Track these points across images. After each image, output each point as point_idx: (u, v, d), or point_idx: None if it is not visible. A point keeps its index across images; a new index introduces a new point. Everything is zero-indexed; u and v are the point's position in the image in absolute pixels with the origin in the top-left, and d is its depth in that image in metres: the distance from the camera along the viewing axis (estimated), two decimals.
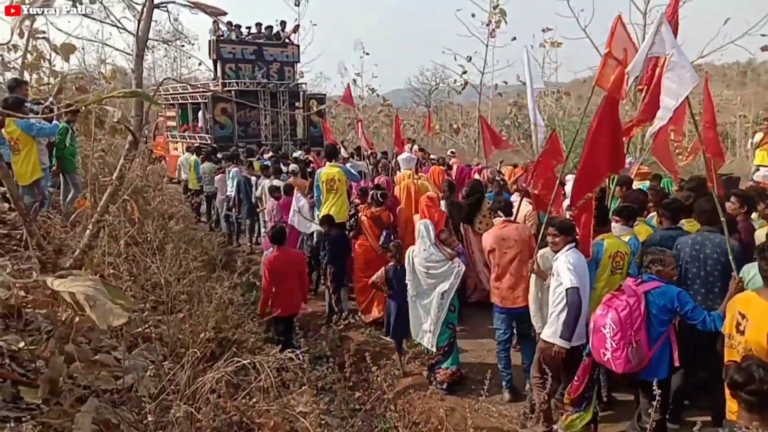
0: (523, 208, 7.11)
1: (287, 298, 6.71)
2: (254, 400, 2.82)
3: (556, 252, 4.85)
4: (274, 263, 6.85)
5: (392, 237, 7.70)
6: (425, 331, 6.16)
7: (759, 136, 11.37)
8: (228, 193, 12.43)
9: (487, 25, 19.57)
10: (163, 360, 4.06)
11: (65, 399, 3.29)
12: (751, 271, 4.26)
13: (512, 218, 6.25)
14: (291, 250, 7.50)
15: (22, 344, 3.77)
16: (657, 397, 2.97)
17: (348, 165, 10.75)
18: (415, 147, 13.70)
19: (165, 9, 5.31)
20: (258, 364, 2.93)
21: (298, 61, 21.44)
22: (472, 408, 5.26)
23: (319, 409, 2.66)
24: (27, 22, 8.04)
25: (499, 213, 6.16)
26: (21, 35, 8.48)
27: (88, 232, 5.16)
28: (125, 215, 5.70)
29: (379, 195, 8.01)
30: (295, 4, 27.10)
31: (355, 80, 31.74)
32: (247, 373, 3.75)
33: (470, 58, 21.46)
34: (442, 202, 7.97)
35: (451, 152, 15.16)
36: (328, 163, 9.04)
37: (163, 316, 4.84)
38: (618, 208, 5.66)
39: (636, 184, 7.52)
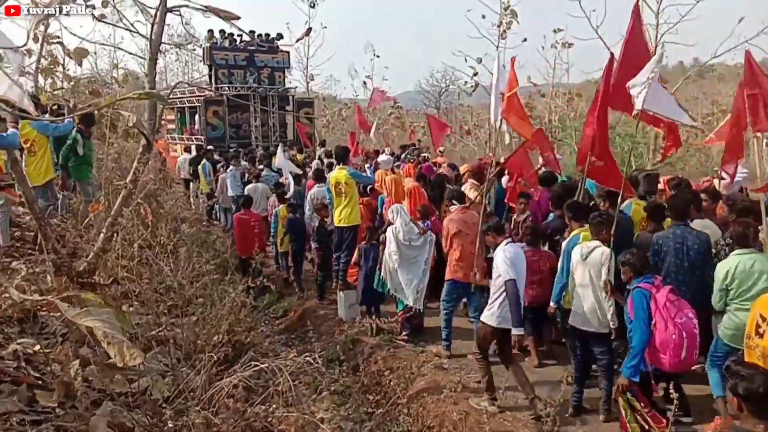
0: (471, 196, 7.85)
1: (248, 243, 9.05)
2: (274, 406, 2.80)
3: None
4: (240, 219, 9.63)
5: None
6: (413, 293, 7.01)
7: None
8: (230, 194, 12.57)
9: (498, 26, 19.48)
10: (178, 363, 4.06)
11: (80, 402, 3.29)
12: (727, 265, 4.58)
13: (468, 205, 7.02)
14: (253, 213, 10.00)
15: (37, 348, 3.79)
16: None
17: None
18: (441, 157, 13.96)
19: (178, 13, 5.33)
20: (276, 369, 2.91)
21: (288, 67, 22.82)
22: (488, 411, 5.24)
23: (340, 415, 2.64)
24: (41, 27, 8.09)
25: (454, 201, 6.90)
26: (35, 40, 8.54)
27: (102, 235, 5.19)
28: (139, 218, 5.72)
29: (367, 188, 9.39)
30: (311, 6, 27.16)
31: (365, 82, 31.75)
32: (260, 376, 3.74)
33: (481, 60, 21.36)
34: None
35: (440, 151, 15.18)
36: (337, 167, 8.91)
37: (177, 319, 4.84)
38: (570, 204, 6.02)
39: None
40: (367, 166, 11.37)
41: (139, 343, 4.03)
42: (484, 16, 19.69)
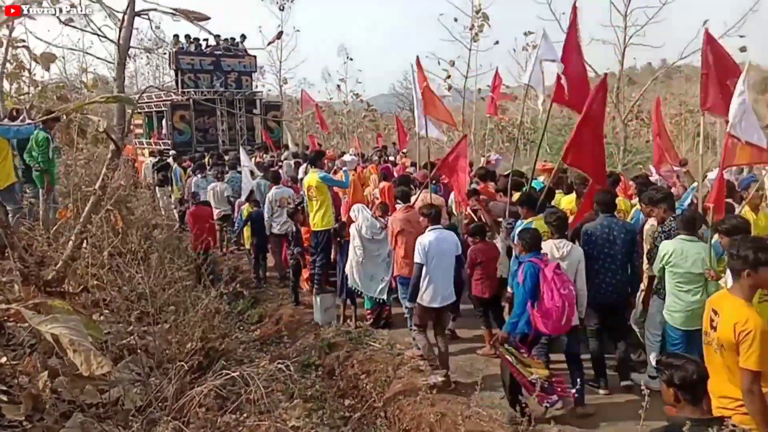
0: (424, 197, 8.18)
1: (202, 238, 8.79)
2: (245, 414, 2.77)
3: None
4: (193, 213, 10.18)
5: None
6: (377, 284, 7.46)
7: None
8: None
9: (470, 29, 19.62)
10: (150, 372, 4.00)
11: (49, 415, 3.22)
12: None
13: (411, 204, 7.44)
14: (204, 207, 10.53)
15: (4, 359, 3.69)
16: None
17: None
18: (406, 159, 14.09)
19: (146, 17, 5.26)
20: (247, 377, 2.88)
21: (255, 71, 23.26)
22: (463, 413, 5.26)
23: (313, 422, 2.62)
24: (5, 31, 7.93)
25: (398, 201, 7.40)
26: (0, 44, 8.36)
27: (70, 243, 5.09)
28: (108, 225, 5.62)
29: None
30: (280, 9, 27.08)
31: (339, 86, 31.70)
32: (234, 383, 3.70)
33: (453, 63, 21.48)
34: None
35: (403, 152, 15.37)
36: (310, 170, 8.89)
37: (149, 327, 4.76)
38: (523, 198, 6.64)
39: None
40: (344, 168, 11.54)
41: (110, 351, 3.96)
42: (456, 20, 19.85)
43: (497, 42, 20.49)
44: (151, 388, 3.38)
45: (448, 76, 22.35)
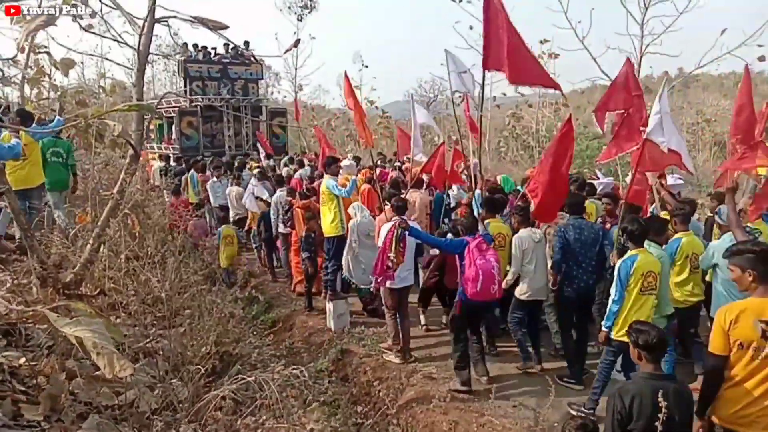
0: (416, 197, 9.49)
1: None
2: (263, 418, 2.78)
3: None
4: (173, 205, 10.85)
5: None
6: (360, 273, 7.83)
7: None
8: (213, 204, 12.94)
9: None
10: (165, 375, 4.03)
11: (66, 416, 3.25)
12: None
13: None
14: (183, 199, 11.93)
15: (22, 360, 3.74)
16: None
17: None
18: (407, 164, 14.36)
19: (166, 23, 5.32)
20: (263, 381, 2.89)
21: (262, 78, 24.06)
22: (477, 422, 5.24)
23: (331, 426, 2.63)
24: (29, 37, 8.04)
25: (386, 202, 7.97)
26: (22, 50, 8.48)
27: (88, 246, 5.14)
28: (126, 229, 5.68)
29: (305, 190, 10.29)
30: (298, 20, 27.34)
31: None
32: (248, 388, 3.72)
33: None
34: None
35: (407, 158, 15.50)
36: (325, 176, 9.09)
37: (165, 331, 4.80)
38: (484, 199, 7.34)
39: None
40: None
41: (126, 354, 3.99)
42: (471, 27, 19.88)
43: None
44: (167, 391, 3.40)
45: None
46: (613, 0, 15.13)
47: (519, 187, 9.64)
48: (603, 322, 5.32)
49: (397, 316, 6.99)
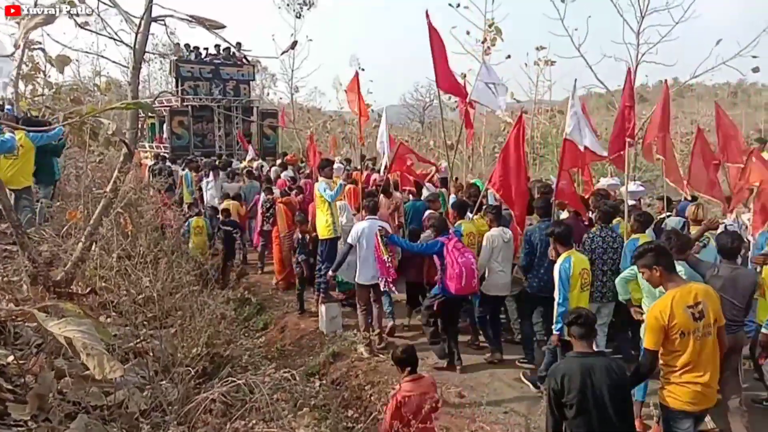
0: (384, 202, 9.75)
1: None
2: (254, 422, 2.76)
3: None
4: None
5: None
6: (353, 274, 7.88)
7: None
8: (207, 203, 12.88)
9: (483, 42, 19.68)
10: (155, 376, 3.99)
11: (54, 415, 3.22)
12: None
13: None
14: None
15: (11, 359, 3.70)
16: None
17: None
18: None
19: (163, 22, 5.29)
20: (253, 384, 2.87)
21: (253, 79, 24.47)
22: (467, 428, 5.23)
23: (321, 431, 2.61)
24: (13, 30, 8.03)
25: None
26: (17, 46, 8.44)
27: (80, 244, 5.10)
28: (118, 228, 5.64)
29: (287, 188, 11.41)
30: (297, 17, 27.31)
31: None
32: (238, 390, 3.68)
33: (465, 75, 21.52)
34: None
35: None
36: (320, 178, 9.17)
37: (155, 331, 4.76)
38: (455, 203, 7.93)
39: None
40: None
41: (116, 354, 3.95)
42: (468, 33, 19.93)
43: (509, 56, 20.54)
44: (157, 392, 3.37)
45: None
46: (609, 8, 15.20)
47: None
48: (554, 326, 5.62)
49: (368, 310, 7.54)
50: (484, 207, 7.60)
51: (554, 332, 5.60)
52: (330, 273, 7.86)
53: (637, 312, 5.33)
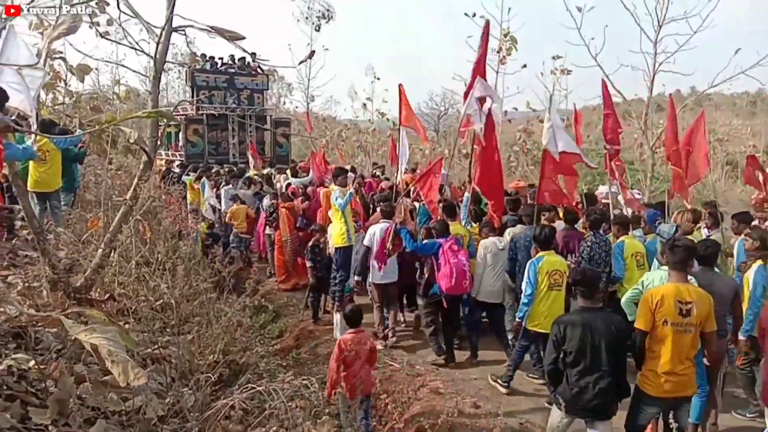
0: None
1: None
2: (273, 429, 2.77)
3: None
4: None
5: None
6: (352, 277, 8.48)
7: None
8: (223, 209, 13.04)
9: (498, 52, 19.64)
10: (173, 382, 4.02)
11: (74, 420, 3.25)
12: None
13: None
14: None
15: (32, 363, 3.74)
16: None
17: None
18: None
19: (183, 33, 5.36)
20: (272, 391, 2.88)
21: (267, 89, 24.69)
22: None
23: None
24: (48, 43, 8.15)
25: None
26: (38, 55, 8.58)
27: (100, 251, 5.16)
28: (137, 235, 5.70)
29: (289, 193, 11.65)
30: (316, 30, 27.58)
31: (365, 104, 31.93)
32: (254, 397, 3.70)
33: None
34: None
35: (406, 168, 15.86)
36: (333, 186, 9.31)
37: (173, 338, 4.80)
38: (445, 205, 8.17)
39: None
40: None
41: (135, 361, 3.99)
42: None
43: (525, 65, 20.45)
44: (175, 398, 3.39)
45: None
46: (627, 18, 15.09)
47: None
48: (516, 314, 6.13)
49: (384, 309, 7.92)
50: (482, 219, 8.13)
51: (516, 319, 6.12)
52: (356, 278, 8.21)
53: None
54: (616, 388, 4.23)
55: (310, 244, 9.11)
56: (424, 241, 7.46)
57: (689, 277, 4.58)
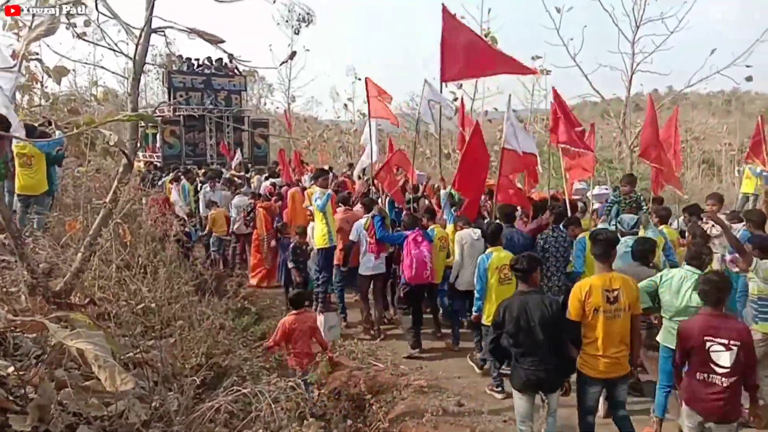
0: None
1: None
2: (259, 431, 2.76)
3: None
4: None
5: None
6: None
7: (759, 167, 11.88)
8: (201, 213, 13.01)
9: None
10: (155, 386, 3.98)
11: (55, 427, 3.20)
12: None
13: (351, 207, 9.30)
14: (162, 197, 11.87)
15: (11, 369, 3.68)
16: None
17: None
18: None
19: (163, 34, 5.30)
20: (258, 393, 2.87)
21: (245, 90, 24.77)
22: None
23: None
24: (20, 42, 8.05)
25: (340, 204, 9.12)
26: (14, 57, 8.45)
27: (79, 255, 5.09)
28: (117, 239, 5.63)
29: (267, 194, 11.93)
30: (295, 33, 27.54)
31: (346, 105, 31.93)
32: (238, 400, 3.68)
33: (461, 85, 21.58)
34: None
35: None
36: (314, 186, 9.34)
37: (155, 341, 4.75)
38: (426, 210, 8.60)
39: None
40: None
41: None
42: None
43: None
44: (157, 402, 3.36)
45: (456, 99, 22.43)
46: (605, 18, 15.28)
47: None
48: (473, 308, 6.52)
49: (369, 299, 8.30)
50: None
51: (474, 312, 6.50)
52: (342, 269, 8.54)
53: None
54: (559, 363, 4.57)
55: (292, 246, 9.10)
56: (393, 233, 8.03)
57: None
